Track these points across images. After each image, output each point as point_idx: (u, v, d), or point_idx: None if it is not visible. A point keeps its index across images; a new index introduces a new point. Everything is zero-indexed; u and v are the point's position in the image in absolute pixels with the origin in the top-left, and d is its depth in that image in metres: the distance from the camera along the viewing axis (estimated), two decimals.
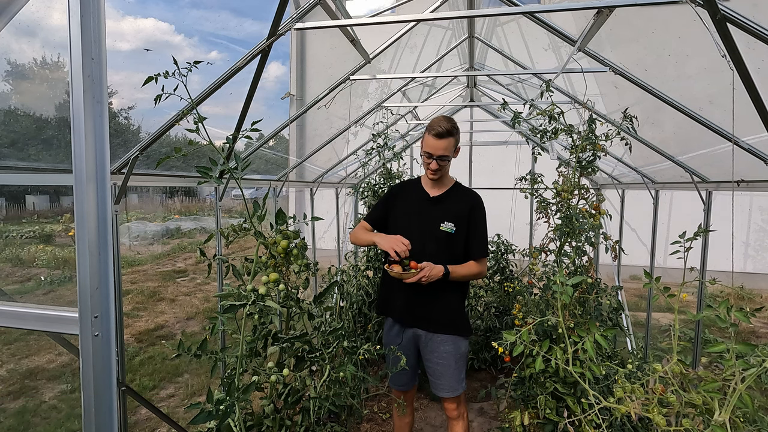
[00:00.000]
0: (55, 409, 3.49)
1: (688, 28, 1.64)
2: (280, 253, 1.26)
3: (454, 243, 1.95)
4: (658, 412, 0.95)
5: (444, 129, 1.87)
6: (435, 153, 1.89)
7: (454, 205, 1.99)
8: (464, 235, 1.96)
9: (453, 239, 1.94)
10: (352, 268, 3.75)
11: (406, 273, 1.79)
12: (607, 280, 2.73)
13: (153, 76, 1.14)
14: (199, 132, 1.19)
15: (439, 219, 1.95)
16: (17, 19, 1.07)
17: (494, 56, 3.64)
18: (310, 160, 4.06)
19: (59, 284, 7.49)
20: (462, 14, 1.85)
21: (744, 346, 0.86)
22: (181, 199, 22.96)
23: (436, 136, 1.88)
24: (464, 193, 2.05)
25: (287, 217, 1.28)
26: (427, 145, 1.92)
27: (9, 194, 17.70)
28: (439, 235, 1.94)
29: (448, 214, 1.96)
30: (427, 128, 1.93)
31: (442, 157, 1.90)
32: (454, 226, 1.93)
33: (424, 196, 2.04)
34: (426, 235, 1.95)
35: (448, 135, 1.88)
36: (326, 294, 1.53)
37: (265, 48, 1.80)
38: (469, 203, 2.00)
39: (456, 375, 1.98)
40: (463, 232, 1.95)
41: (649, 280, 1.05)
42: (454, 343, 1.97)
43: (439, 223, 1.94)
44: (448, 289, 1.94)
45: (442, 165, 1.92)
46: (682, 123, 2.29)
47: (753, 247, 7.11)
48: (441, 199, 2.01)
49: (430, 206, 2.01)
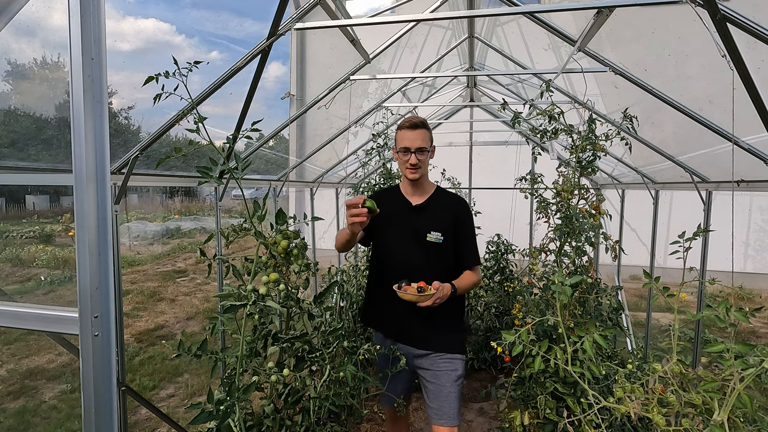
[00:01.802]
0: (55, 409, 3.49)
1: (688, 28, 1.64)
2: (281, 253, 1.26)
3: (444, 253, 1.82)
4: (657, 411, 0.95)
5: (417, 120, 1.81)
6: (413, 145, 1.78)
7: (439, 213, 1.86)
8: (453, 243, 1.84)
9: (442, 249, 1.81)
10: (352, 268, 3.75)
11: (421, 296, 1.63)
12: (607, 280, 2.73)
13: (153, 75, 1.14)
14: (199, 132, 1.19)
15: (425, 229, 1.82)
16: (17, 19, 1.07)
17: (494, 56, 3.64)
18: (310, 160, 4.06)
19: (59, 284, 7.50)
20: (462, 14, 1.85)
21: (743, 346, 0.86)
22: (181, 199, 22.97)
23: (410, 127, 1.79)
24: (448, 199, 1.92)
25: (287, 217, 1.28)
26: (403, 140, 1.81)
27: (9, 194, 17.71)
28: (426, 247, 1.82)
29: (433, 222, 1.83)
30: (399, 127, 1.86)
31: (421, 150, 1.78)
32: (441, 236, 1.81)
33: (406, 205, 1.89)
34: (412, 248, 1.83)
35: (423, 126, 1.80)
36: (326, 294, 1.53)
37: (265, 48, 1.80)
38: (455, 209, 1.87)
39: (450, 399, 1.80)
40: (450, 240, 1.83)
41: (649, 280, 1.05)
42: (449, 361, 1.82)
43: (425, 233, 1.81)
44: (448, 306, 1.76)
45: (421, 159, 1.80)
46: (682, 123, 2.29)
47: (753, 247, 7.11)
48: (424, 206, 1.88)
49: (413, 216, 1.87)
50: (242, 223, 1.24)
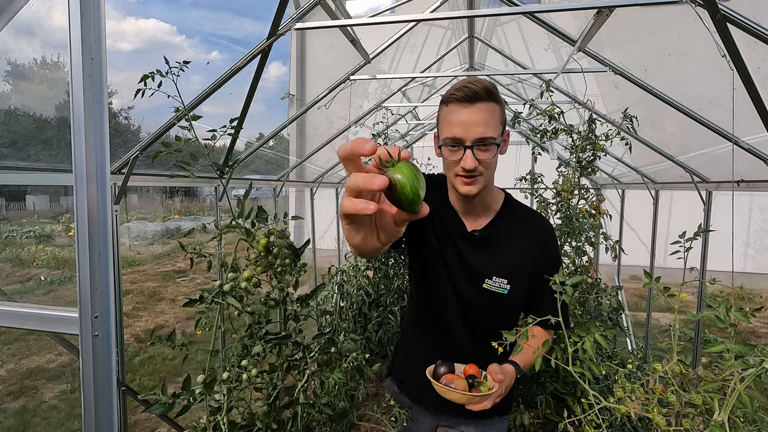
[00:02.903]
0: (55, 409, 3.49)
1: (688, 28, 1.64)
2: (261, 251, 1.26)
3: (507, 309, 1.18)
4: (658, 412, 0.95)
5: (479, 87, 0.99)
6: (467, 136, 0.99)
7: (510, 245, 1.16)
8: (524, 294, 1.17)
9: (505, 303, 1.16)
10: (352, 268, 3.75)
11: (474, 395, 0.99)
12: (607, 280, 2.73)
13: (147, 74, 1.15)
14: (190, 130, 1.21)
15: (484, 271, 1.15)
16: (17, 19, 1.07)
17: (494, 56, 3.64)
18: (310, 160, 4.06)
19: (59, 284, 7.50)
20: (462, 14, 1.85)
21: (743, 346, 0.86)
22: (181, 199, 22.99)
23: (465, 100, 0.99)
24: (526, 221, 1.20)
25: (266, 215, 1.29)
26: (450, 124, 1.02)
27: (9, 194, 17.71)
28: (482, 297, 1.16)
29: (498, 262, 1.15)
30: (444, 100, 1.06)
31: (484, 142, 0.99)
32: (507, 283, 1.14)
33: (458, 227, 1.18)
34: (460, 297, 1.19)
35: (488, 97, 1.00)
36: (313, 296, 1.48)
37: (265, 48, 1.80)
38: (538, 239, 1.17)
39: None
40: (523, 288, 1.16)
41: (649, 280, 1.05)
42: (491, 425, 1.29)
43: (483, 278, 1.15)
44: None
45: (485, 159, 1.01)
46: (682, 123, 2.29)
47: (753, 247, 7.11)
48: (488, 236, 1.16)
49: (467, 247, 1.17)
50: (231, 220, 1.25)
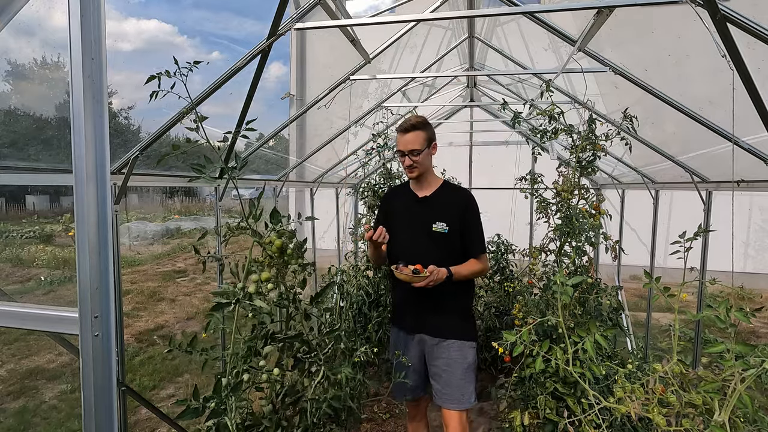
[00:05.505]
0: (55, 409, 3.49)
1: (688, 28, 1.64)
2: (275, 253, 1.25)
3: (450, 243, 1.93)
4: (658, 412, 0.95)
5: (408, 124, 1.92)
6: (405, 148, 1.92)
7: (445, 205, 1.97)
8: (459, 233, 1.93)
9: (447, 239, 1.92)
10: (352, 268, 3.75)
11: (415, 276, 1.79)
12: (607, 280, 2.73)
13: (155, 75, 1.15)
14: (199, 131, 1.20)
15: (431, 220, 1.94)
16: (17, 18, 1.07)
17: (494, 56, 3.64)
18: (310, 160, 4.06)
19: (59, 284, 7.50)
20: (462, 14, 1.85)
21: (743, 346, 0.85)
22: (181, 199, 22.98)
23: (402, 131, 1.93)
24: (454, 192, 2.03)
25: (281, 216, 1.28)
26: (398, 144, 1.96)
27: (9, 194, 17.71)
28: (432, 236, 1.93)
29: (439, 214, 1.95)
30: (397, 130, 1.98)
31: (413, 152, 1.91)
32: (446, 226, 1.92)
33: (413, 197, 2.04)
34: (419, 237, 1.95)
35: (413, 128, 1.91)
36: (323, 294, 1.51)
37: (265, 48, 1.80)
38: (461, 202, 1.98)
39: (461, 386, 1.93)
40: (457, 231, 1.93)
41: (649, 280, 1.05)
42: (460, 349, 1.93)
43: (430, 224, 1.93)
44: (453, 293, 1.92)
45: (415, 160, 1.92)
46: (682, 123, 2.29)
47: (753, 247, 7.11)
48: (430, 199, 2.00)
49: (419, 207, 2.00)
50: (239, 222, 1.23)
